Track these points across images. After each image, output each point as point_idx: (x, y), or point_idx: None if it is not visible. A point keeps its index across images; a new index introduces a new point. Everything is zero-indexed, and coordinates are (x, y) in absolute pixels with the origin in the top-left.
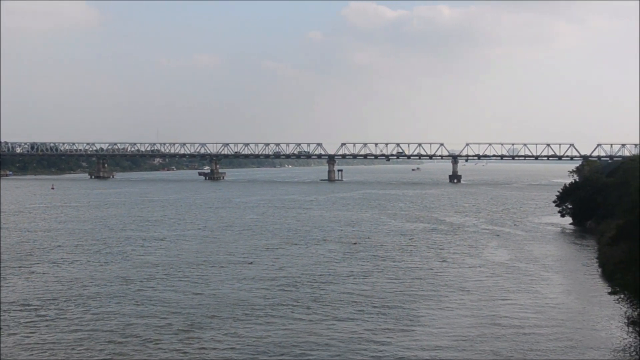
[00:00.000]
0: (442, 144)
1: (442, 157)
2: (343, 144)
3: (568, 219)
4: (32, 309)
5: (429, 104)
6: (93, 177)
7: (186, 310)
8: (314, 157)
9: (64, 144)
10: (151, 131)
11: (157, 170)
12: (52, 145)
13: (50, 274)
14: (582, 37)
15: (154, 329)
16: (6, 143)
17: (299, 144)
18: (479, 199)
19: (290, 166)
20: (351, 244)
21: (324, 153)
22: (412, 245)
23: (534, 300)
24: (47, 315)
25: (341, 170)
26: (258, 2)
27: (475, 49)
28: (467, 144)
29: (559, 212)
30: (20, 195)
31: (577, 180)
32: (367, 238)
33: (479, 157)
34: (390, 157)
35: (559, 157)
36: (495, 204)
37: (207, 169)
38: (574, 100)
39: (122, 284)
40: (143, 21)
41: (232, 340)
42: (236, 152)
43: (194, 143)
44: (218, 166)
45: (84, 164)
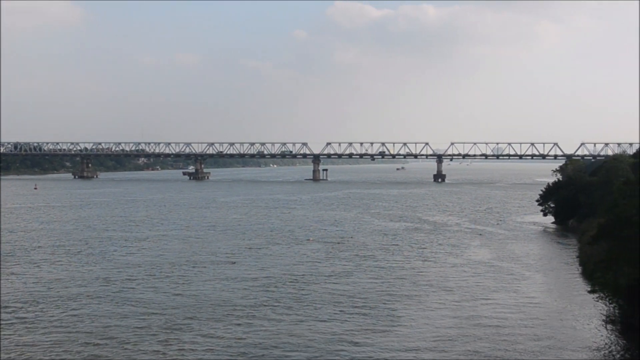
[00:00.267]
0: (426, 144)
1: (426, 156)
2: (328, 144)
3: (550, 218)
4: (11, 311)
5: (414, 104)
6: (77, 177)
7: (167, 311)
8: (299, 156)
9: (47, 143)
10: (135, 131)
11: (142, 170)
12: (36, 145)
13: (30, 274)
14: (565, 37)
15: (134, 330)
16: None
17: (284, 144)
18: (463, 198)
19: (275, 166)
20: (336, 243)
21: (309, 153)
22: (395, 244)
23: (515, 299)
24: (25, 317)
25: (326, 170)
26: (243, 2)
27: (460, 48)
28: (452, 144)
29: (541, 211)
30: (3, 196)
31: (560, 179)
32: (350, 237)
33: (464, 157)
34: (375, 157)
35: (543, 156)
36: (478, 203)
37: (191, 168)
38: (557, 99)
39: (103, 285)
40: (126, 20)
41: (212, 341)
42: (220, 152)
43: (179, 143)
44: (203, 166)
45: (67, 164)
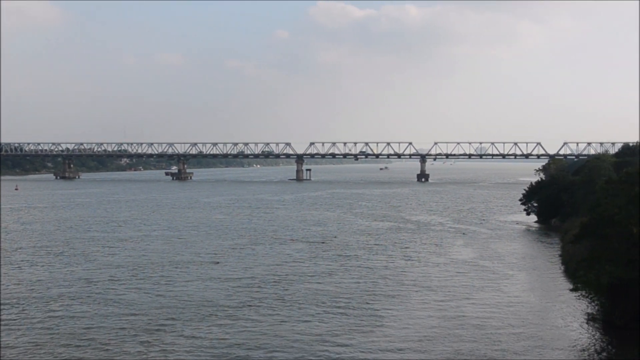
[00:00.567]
0: (410, 143)
1: (410, 156)
2: (311, 144)
3: (533, 217)
4: None
5: (397, 103)
6: (58, 177)
7: (149, 311)
8: (283, 156)
9: (28, 144)
10: (118, 131)
11: (124, 170)
12: (17, 145)
13: (11, 275)
14: (546, 37)
15: (116, 331)
16: None
17: (267, 144)
18: (446, 197)
19: (259, 166)
20: (319, 243)
21: (292, 153)
22: (378, 244)
23: (498, 298)
24: (6, 319)
25: (309, 170)
26: (224, 2)
27: (443, 48)
28: (436, 143)
29: (524, 210)
30: None
31: (543, 178)
32: (334, 237)
33: (447, 156)
34: (358, 157)
35: (526, 156)
36: (462, 203)
37: (174, 169)
38: (540, 99)
39: (85, 286)
40: (107, 20)
41: (195, 342)
42: (201, 152)
43: (162, 143)
44: (186, 166)
45: (49, 165)
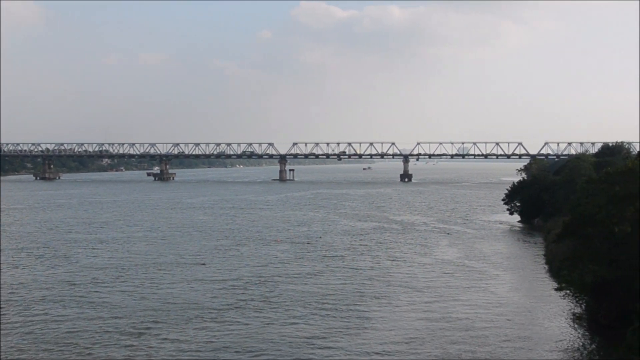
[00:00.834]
0: (393, 143)
1: (393, 156)
2: (295, 144)
3: (516, 217)
4: None
5: (380, 104)
6: (38, 178)
7: (133, 314)
8: (266, 157)
9: (7, 144)
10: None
11: (106, 171)
12: None
13: None
14: (528, 38)
15: (100, 334)
16: None
17: (250, 144)
18: (430, 197)
19: (242, 166)
20: (305, 243)
21: (276, 153)
22: (363, 244)
23: (483, 297)
24: None
25: (292, 170)
26: (208, 2)
27: (426, 48)
28: (418, 143)
29: (507, 210)
30: None
31: (525, 178)
32: (318, 238)
33: (430, 156)
34: (341, 157)
35: (508, 156)
36: (445, 203)
37: (156, 169)
38: (522, 99)
39: (67, 288)
40: (88, 19)
41: (181, 344)
42: (181, 152)
43: (144, 143)
44: (168, 167)
45: (28, 165)
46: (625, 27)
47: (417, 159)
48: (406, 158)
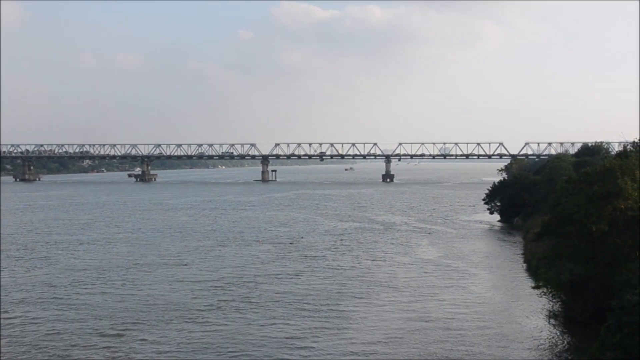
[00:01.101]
0: (375, 144)
1: (375, 156)
2: (277, 144)
3: (496, 216)
4: None
5: (362, 104)
6: (18, 180)
7: (114, 314)
8: (248, 157)
9: None
10: (79, 132)
11: (87, 172)
12: None
13: None
14: (508, 38)
15: (80, 335)
16: None
17: (233, 145)
18: (411, 197)
19: (224, 167)
20: (287, 244)
21: (258, 154)
22: (344, 244)
23: (463, 296)
24: None
25: (275, 171)
26: (187, 2)
27: (407, 49)
28: (400, 144)
29: (487, 209)
30: None
31: (506, 178)
32: (300, 238)
33: (412, 157)
34: (324, 157)
35: (489, 156)
36: (426, 203)
37: (138, 170)
38: (502, 99)
39: (47, 290)
40: (66, 19)
41: (161, 345)
42: (161, 153)
43: (125, 144)
44: (149, 168)
45: (8, 167)
46: (603, 28)
47: (399, 159)
48: (388, 158)
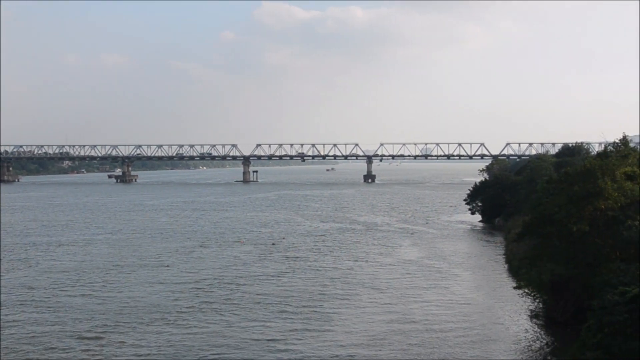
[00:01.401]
0: (356, 144)
1: (357, 157)
2: (258, 145)
3: (478, 217)
4: None
5: (344, 104)
6: None
7: (94, 316)
8: (229, 158)
9: None
10: (59, 133)
11: (67, 173)
12: None
13: None
14: (489, 39)
15: (59, 337)
16: None
17: (214, 146)
18: (393, 198)
19: (205, 168)
20: (269, 245)
21: (239, 154)
22: (326, 245)
23: (445, 296)
24: None
25: (256, 172)
26: (168, 2)
27: (388, 49)
28: (382, 144)
29: (469, 210)
30: None
31: (487, 178)
32: (282, 239)
33: (393, 157)
34: (305, 158)
35: (470, 157)
36: (408, 203)
37: (118, 171)
38: (483, 100)
39: (26, 292)
40: (48, 18)
41: (141, 346)
42: (141, 154)
43: (105, 145)
44: (130, 168)
45: None
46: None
47: (381, 160)
48: (370, 159)
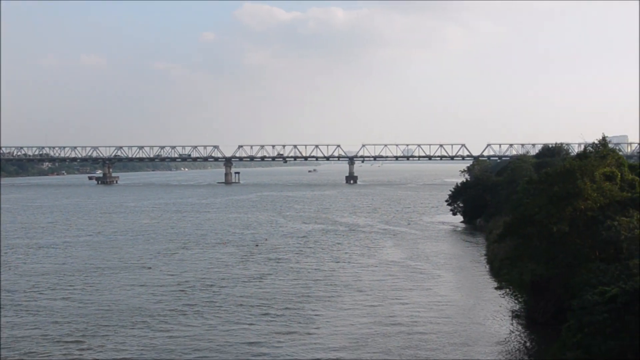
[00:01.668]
0: (338, 145)
1: (338, 158)
2: (240, 146)
3: (459, 217)
4: None
5: (325, 105)
6: None
7: (75, 319)
8: (211, 159)
9: None
10: (39, 134)
11: (47, 175)
12: None
13: None
14: (470, 41)
15: (40, 341)
16: None
17: (195, 147)
18: (375, 199)
19: (187, 169)
20: (251, 246)
21: (221, 155)
22: (309, 247)
23: (427, 297)
24: None
25: (238, 173)
26: (149, 2)
27: (370, 50)
28: (363, 145)
29: (450, 210)
30: None
31: (468, 179)
32: (264, 240)
33: (375, 158)
34: (287, 159)
35: (451, 157)
36: (390, 204)
37: (99, 172)
38: (465, 101)
39: (6, 295)
40: (27, 19)
41: (122, 350)
42: (120, 155)
43: (86, 147)
44: (111, 170)
45: None
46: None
47: (363, 161)
48: (351, 160)
